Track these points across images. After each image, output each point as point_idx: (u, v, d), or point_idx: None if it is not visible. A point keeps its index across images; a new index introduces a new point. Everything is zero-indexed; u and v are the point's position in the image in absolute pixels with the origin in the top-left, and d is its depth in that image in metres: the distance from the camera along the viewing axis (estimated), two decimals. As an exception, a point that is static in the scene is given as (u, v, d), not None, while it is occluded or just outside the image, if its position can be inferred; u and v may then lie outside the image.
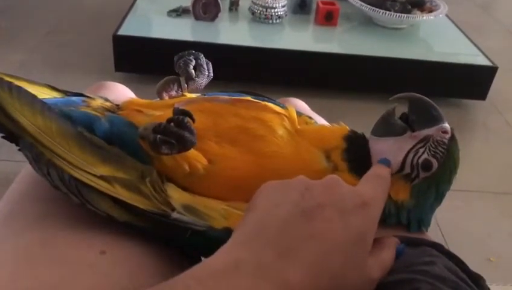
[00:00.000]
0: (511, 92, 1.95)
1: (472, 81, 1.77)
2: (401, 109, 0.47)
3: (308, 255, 0.31)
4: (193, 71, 0.54)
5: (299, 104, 0.78)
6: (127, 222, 0.43)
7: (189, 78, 0.54)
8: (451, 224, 1.24)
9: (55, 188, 0.44)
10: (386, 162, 0.44)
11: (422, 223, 0.47)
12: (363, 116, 0.90)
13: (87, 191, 0.43)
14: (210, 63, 0.56)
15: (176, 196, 0.43)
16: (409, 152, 0.45)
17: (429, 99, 0.46)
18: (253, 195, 0.37)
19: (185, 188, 0.44)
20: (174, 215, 0.42)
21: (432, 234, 0.49)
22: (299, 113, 0.52)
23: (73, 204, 0.44)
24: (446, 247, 0.44)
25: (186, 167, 0.44)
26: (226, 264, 0.30)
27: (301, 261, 0.30)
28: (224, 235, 0.34)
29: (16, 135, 0.44)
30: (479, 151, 1.63)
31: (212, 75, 0.56)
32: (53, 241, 0.42)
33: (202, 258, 0.47)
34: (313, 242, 0.31)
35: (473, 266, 0.43)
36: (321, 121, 0.71)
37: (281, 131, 0.47)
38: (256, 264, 0.30)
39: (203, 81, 0.55)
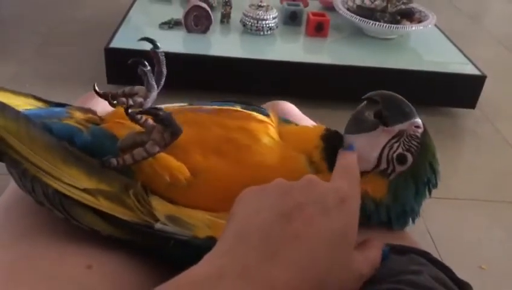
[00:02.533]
0: (500, 100, 1.97)
1: (461, 90, 1.79)
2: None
3: (293, 255, 0.31)
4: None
5: (288, 107, 0.77)
6: (111, 235, 0.43)
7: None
8: (442, 232, 1.24)
9: (39, 204, 0.44)
10: (351, 148, 0.44)
11: (405, 217, 0.47)
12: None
13: (70, 205, 0.42)
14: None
15: (160, 207, 0.43)
16: (384, 147, 0.45)
17: (401, 96, 0.47)
18: None
19: (169, 200, 0.44)
20: (158, 226, 0.42)
21: (423, 241, 0.49)
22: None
23: (58, 219, 0.44)
24: (437, 255, 0.44)
25: (167, 178, 0.44)
26: (210, 273, 0.30)
27: (286, 261, 0.30)
28: (208, 243, 0.34)
29: (1, 151, 0.43)
30: (469, 159, 1.65)
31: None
32: (39, 257, 0.42)
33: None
34: (296, 242, 0.31)
35: (465, 274, 0.43)
36: (309, 123, 0.71)
37: (265, 139, 0.48)
38: (240, 269, 0.30)
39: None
